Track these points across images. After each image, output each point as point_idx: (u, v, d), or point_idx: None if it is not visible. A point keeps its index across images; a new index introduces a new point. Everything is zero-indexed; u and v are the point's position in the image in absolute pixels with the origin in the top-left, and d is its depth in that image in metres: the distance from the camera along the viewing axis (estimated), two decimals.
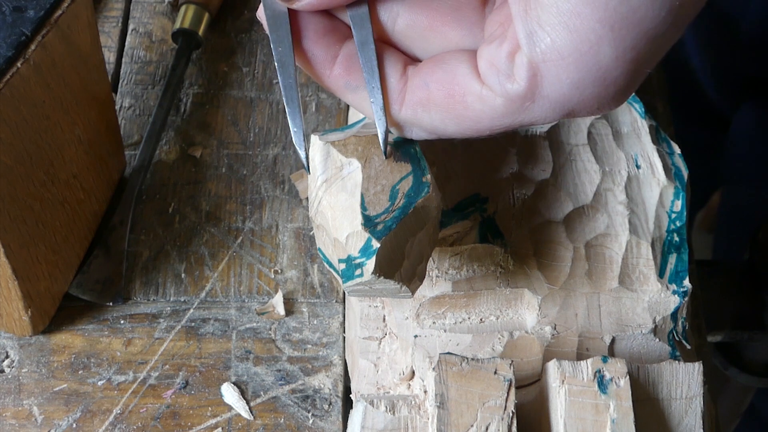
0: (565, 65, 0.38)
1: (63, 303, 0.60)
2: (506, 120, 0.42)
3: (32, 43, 0.51)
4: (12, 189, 0.52)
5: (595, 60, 0.38)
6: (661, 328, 0.53)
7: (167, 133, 0.68)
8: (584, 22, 0.37)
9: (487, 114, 0.42)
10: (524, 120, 0.42)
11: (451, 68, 0.43)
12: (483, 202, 0.54)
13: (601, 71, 0.39)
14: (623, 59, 0.38)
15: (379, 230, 0.44)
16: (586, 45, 0.38)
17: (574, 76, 0.39)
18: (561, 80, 0.39)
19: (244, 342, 0.59)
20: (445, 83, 0.43)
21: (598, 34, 0.38)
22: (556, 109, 0.41)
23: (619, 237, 0.54)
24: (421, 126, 0.44)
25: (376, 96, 0.44)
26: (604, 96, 0.40)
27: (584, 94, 0.39)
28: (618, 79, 0.39)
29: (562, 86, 0.39)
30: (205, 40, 0.71)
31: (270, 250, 0.63)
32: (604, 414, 0.46)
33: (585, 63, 0.38)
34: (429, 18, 0.44)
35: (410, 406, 0.48)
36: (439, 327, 0.52)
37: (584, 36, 0.38)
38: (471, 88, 0.42)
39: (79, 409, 0.57)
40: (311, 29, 0.45)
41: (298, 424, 0.57)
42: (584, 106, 0.40)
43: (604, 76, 0.39)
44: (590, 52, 0.38)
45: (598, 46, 0.38)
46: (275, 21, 0.44)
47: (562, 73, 0.39)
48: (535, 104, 0.40)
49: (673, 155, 0.59)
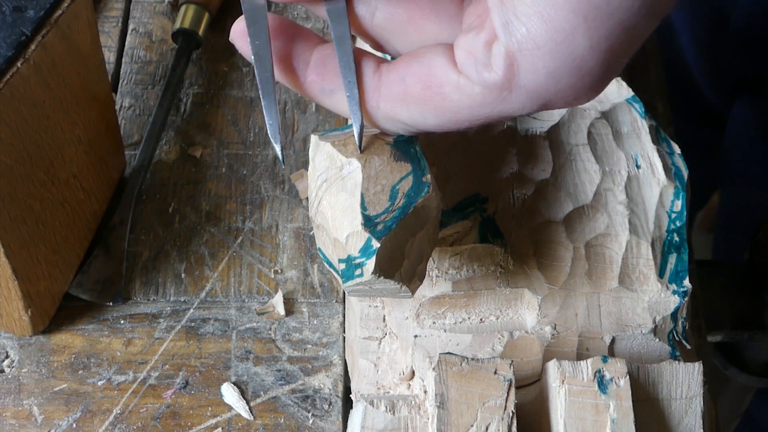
0: (540, 54, 0.39)
1: (63, 303, 0.60)
2: (484, 110, 0.42)
3: (32, 43, 0.51)
4: (12, 189, 0.52)
5: (569, 50, 0.39)
6: (661, 328, 0.53)
7: (167, 133, 0.68)
8: (558, 12, 0.38)
9: (466, 104, 0.42)
10: (502, 110, 0.42)
11: (427, 61, 0.43)
12: (483, 202, 0.54)
13: (576, 61, 0.39)
14: (598, 49, 0.39)
15: (379, 230, 0.44)
16: (560, 35, 0.38)
17: (549, 66, 0.39)
18: (537, 69, 0.39)
19: (244, 342, 0.59)
20: (422, 76, 0.43)
21: (572, 24, 0.38)
22: (533, 99, 0.41)
23: (619, 237, 0.54)
24: (400, 120, 0.45)
25: (352, 91, 0.44)
26: (579, 86, 0.40)
27: (560, 84, 0.40)
28: (593, 69, 0.39)
29: (538, 76, 0.40)
30: (205, 40, 0.71)
31: (270, 250, 0.63)
32: (604, 414, 0.46)
33: (560, 53, 0.39)
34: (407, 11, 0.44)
35: (410, 406, 0.48)
36: (439, 327, 0.52)
37: (558, 26, 0.38)
38: (448, 79, 0.42)
39: (79, 409, 0.57)
40: (281, 38, 0.45)
41: (298, 424, 0.57)
42: (560, 96, 0.41)
43: (579, 65, 0.39)
44: (565, 42, 0.38)
45: (572, 36, 0.38)
46: (253, 15, 0.45)
47: (538, 63, 0.39)
48: (513, 94, 0.41)
49: (673, 155, 0.59)
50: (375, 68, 0.45)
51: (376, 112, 0.45)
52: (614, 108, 0.59)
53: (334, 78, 0.45)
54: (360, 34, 0.46)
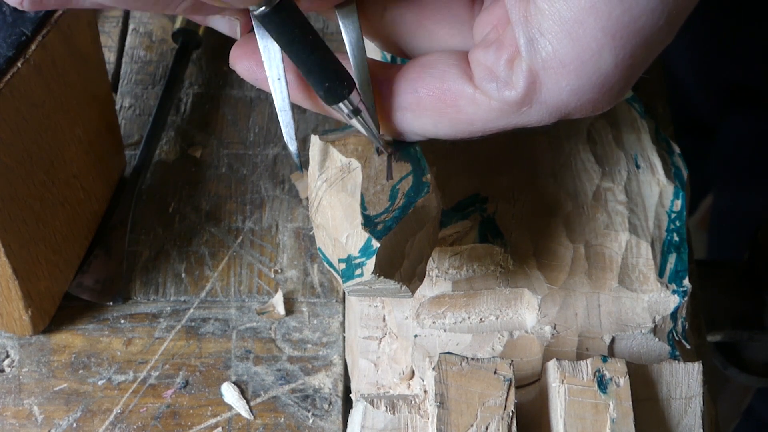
0: (565, 73, 0.39)
1: (63, 303, 0.60)
2: (500, 122, 0.42)
3: (32, 43, 0.51)
4: (12, 189, 0.52)
5: (595, 68, 0.38)
6: (660, 328, 0.53)
7: (167, 133, 0.68)
8: (587, 31, 0.37)
9: (481, 117, 0.42)
10: (519, 122, 0.42)
11: (440, 73, 0.42)
12: (483, 202, 0.54)
13: (601, 78, 0.39)
14: (622, 66, 0.38)
15: (379, 230, 0.44)
16: (587, 53, 0.38)
17: (574, 84, 0.39)
18: (560, 87, 0.39)
19: (244, 342, 0.60)
20: (435, 88, 0.43)
21: (600, 43, 0.38)
22: (552, 113, 0.41)
23: (618, 237, 0.54)
24: (412, 130, 0.44)
25: (367, 96, 0.44)
26: (600, 100, 0.40)
27: (582, 100, 0.40)
28: (615, 84, 0.39)
29: (561, 93, 0.39)
30: (205, 40, 0.71)
31: (270, 250, 0.63)
32: (603, 414, 0.46)
33: (585, 71, 0.38)
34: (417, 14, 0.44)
35: (410, 405, 0.48)
36: (439, 327, 0.52)
37: (586, 44, 0.38)
38: (463, 93, 0.42)
39: (79, 408, 0.57)
40: None
41: (298, 424, 0.57)
42: (580, 110, 0.40)
43: (603, 82, 0.39)
44: (591, 60, 0.38)
45: (599, 54, 0.38)
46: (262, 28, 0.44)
47: (562, 81, 0.39)
48: (532, 109, 0.41)
49: (673, 155, 0.59)
50: (384, 76, 0.44)
51: (386, 120, 0.45)
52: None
53: None
54: (369, 36, 0.45)
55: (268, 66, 0.44)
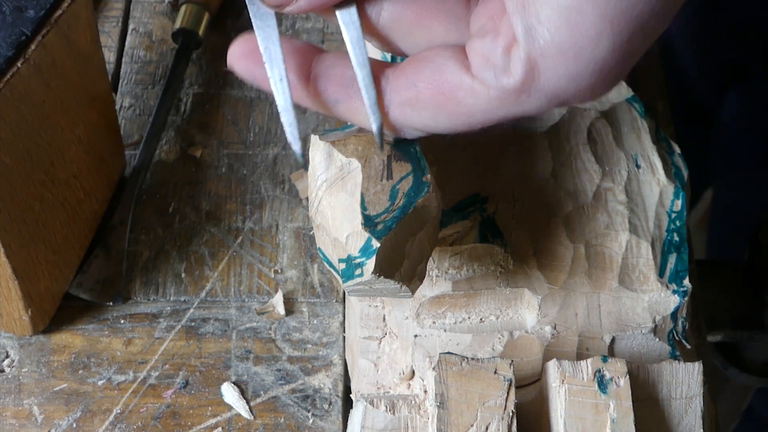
0: (564, 60, 0.39)
1: (63, 303, 0.60)
2: (500, 112, 0.42)
3: (32, 43, 0.51)
4: (12, 189, 0.52)
5: (593, 54, 0.39)
6: (661, 328, 0.53)
7: (167, 133, 0.68)
8: (586, 18, 0.38)
9: (481, 108, 0.42)
10: (518, 111, 0.42)
11: (438, 66, 0.43)
12: (483, 202, 0.54)
13: (598, 64, 0.39)
14: (620, 51, 0.39)
15: (379, 230, 0.44)
16: (585, 40, 0.38)
17: (572, 70, 0.39)
18: (558, 74, 0.39)
19: (244, 342, 0.60)
20: (434, 81, 0.43)
21: (599, 30, 0.38)
22: (550, 100, 0.41)
23: (619, 237, 0.54)
24: (411, 125, 0.44)
25: (370, 92, 0.44)
26: (597, 85, 0.40)
27: (580, 86, 0.40)
28: (612, 69, 0.40)
29: (559, 79, 0.40)
30: (205, 40, 0.71)
31: (270, 250, 0.63)
32: (604, 414, 0.46)
33: (584, 57, 0.39)
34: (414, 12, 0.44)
35: (410, 405, 0.48)
36: (439, 327, 0.52)
37: (585, 31, 0.38)
38: (461, 83, 0.42)
39: (79, 408, 0.57)
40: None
41: (298, 424, 0.57)
42: (577, 96, 0.41)
43: (601, 68, 0.39)
44: (589, 47, 0.38)
45: (597, 41, 0.38)
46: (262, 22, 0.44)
47: (560, 67, 0.39)
48: (531, 97, 0.41)
49: (673, 155, 0.59)
50: (382, 73, 0.44)
51: (386, 117, 0.45)
52: (614, 108, 0.59)
53: (338, 87, 0.45)
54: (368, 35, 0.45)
55: (269, 67, 0.44)
